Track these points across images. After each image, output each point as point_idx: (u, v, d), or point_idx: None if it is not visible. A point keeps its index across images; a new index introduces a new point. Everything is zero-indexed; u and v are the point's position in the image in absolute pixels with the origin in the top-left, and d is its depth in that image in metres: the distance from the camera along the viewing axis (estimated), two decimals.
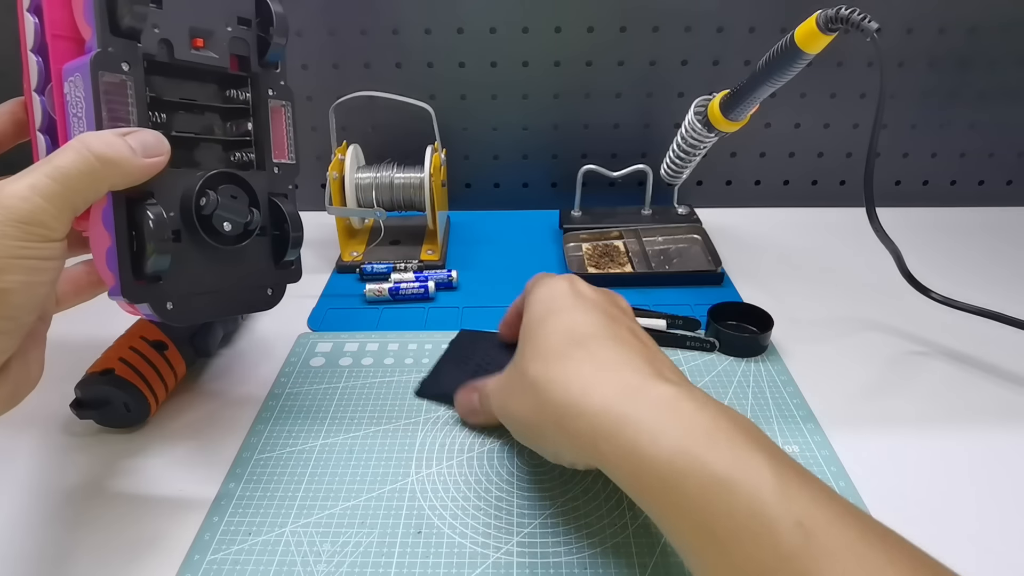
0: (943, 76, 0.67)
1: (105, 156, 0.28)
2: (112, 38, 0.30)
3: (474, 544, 0.33)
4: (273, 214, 0.37)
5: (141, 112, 0.31)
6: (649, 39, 0.65)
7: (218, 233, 0.34)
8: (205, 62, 0.34)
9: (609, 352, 0.32)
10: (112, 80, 0.30)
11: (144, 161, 0.30)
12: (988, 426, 0.41)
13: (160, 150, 0.31)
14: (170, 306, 0.33)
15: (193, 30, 0.34)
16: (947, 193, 0.73)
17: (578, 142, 0.71)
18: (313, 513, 0.35)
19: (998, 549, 0.33)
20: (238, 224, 0.34)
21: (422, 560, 0.33)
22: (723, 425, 0.27)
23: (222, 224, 0.33)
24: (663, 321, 0.50)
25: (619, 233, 0.64)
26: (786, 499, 0.24)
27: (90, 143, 0.28)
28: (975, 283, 0.57)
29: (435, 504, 0.36)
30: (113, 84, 0.30)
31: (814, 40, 0.41)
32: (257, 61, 0.36)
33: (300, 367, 0.47)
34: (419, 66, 0.66)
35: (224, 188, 0.34)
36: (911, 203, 0.73)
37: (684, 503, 0.26)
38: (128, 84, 0.31)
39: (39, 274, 0.27)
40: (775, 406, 0.43)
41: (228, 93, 0.37)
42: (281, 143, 0.38)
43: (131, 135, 0.30)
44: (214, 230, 0.33)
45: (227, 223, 0.34)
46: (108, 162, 0.28)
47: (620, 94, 0.68)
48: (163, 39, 0.33)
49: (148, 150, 0.30)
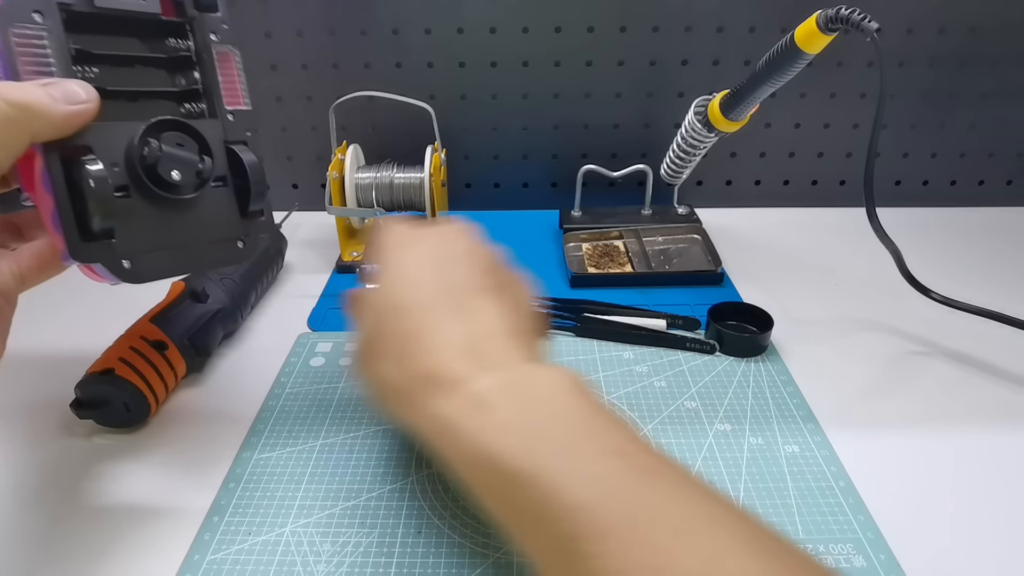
0: (943, 76, 0.67)
1: (21, 102, 0.26)
2: None
3: (474, 544, 0.33)
4: (233, 163, 0.35)
5: (63, 65, 0.30)
6: (649, 39, 0.65)
7: (168, 183, 0.32)
8: (131, 8, 0.32)
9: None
10: (24, 32, 0.29)
11: (66, 108, 0.28)
12: (988, 426, 0.41)
13: (83, 98, 0.29)
14: (127, 264, 0.31)
15: None
16: (947, 193, 0.73)
17: (578, 142, 0.71)
18: (313, 513, 0.35)
19: (998, 549, 0.33)
20: (188, 172, 0.32)
21: (422, 560, 0.33)
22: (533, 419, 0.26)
23: (169, 172, 0.32)
24: (663, 321, 0.50)
25: (619, 233, 0.64)
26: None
27: (3, 91, 0.26)
28: (975, 283, 0.57)
29: (435, 504, 0.36)
30: (26, 36, 0.29)
31: (814, 40, 0.41)
32: (193, 4, 0.34)
33: (300, 367, 0.47)
34: (419, 66, 0.66)
35: (168, 136, 0.32)
36: (911, 203, 0.73)
37: (488, 495, 0.26)
38: (43, 35, 0.29)
39: None
40: (775, 406, 0.43)
41: (168, 42, 0.34)
42: (233, 89, 0.36)
43: (51, 84, 0.28)
44: (162, 180, 0.32)
45: (175, 171, 0.32)
46: (24, 108, 0.26)
47: (620, 94, 0.68)
48: None
49: (70, 97, 0.28)
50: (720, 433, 0.41)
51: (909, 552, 0.33)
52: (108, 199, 0.30)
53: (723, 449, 0.39)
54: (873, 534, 0.34)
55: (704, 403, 0.43)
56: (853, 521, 0.34)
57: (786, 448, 0.39)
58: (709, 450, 0.39)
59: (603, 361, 0.47)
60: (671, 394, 0.44)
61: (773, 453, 0.39)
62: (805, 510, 0.35)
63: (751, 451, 0.39)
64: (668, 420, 0.42)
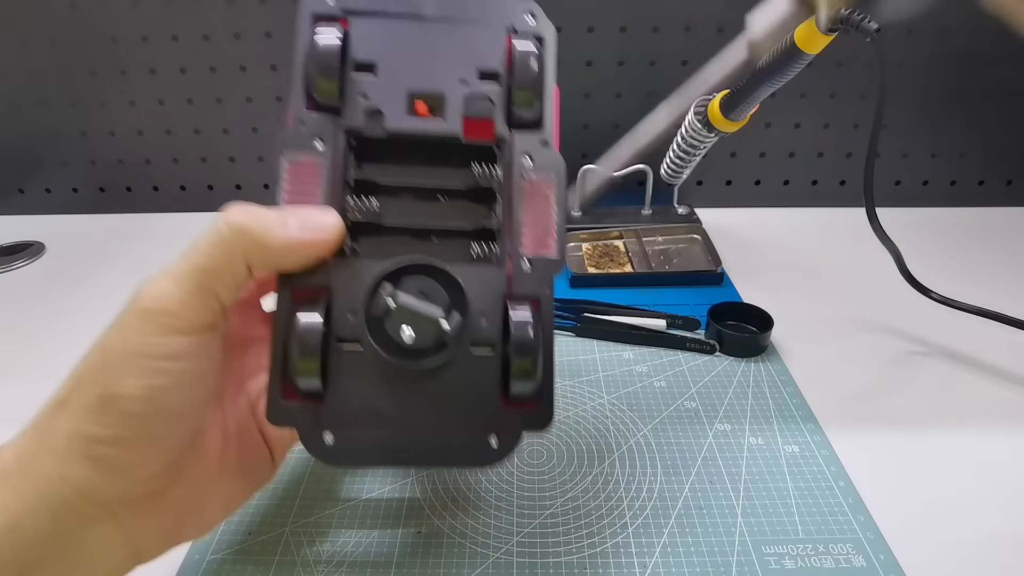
0: (943, 76, 0.67)
1: (237, 223, 0.23)
2: (307, 112, 0.26)
3: (474, 544, 0.33)
4: (508, 324, 0.26)
5: (332, 194, 0.26)
6: (649, 39, 0.65)
7: (396, 345, 0.25)
8: (428, 130, 0.27)
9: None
10: (298, 159, 0.26)
11: (286, 235, 0.24)
12: (988, 426, 0.41)
13: (321, 226, 0.25)
14: (329, 439, 0.25)
15: (414, 93, 0.27)
16: (947, 193, 0.73)
17: (578, 142, 0.71)
18: (313, 513, 0.35)
19: (998, 548, 0.33)
20: (426, 332, 0.25)
21: (422, 560, 0.33)
22: None
23: (398, 330, 0.24)
24: (663, 321, 0.50)
25: (619, 233, 0.64)
26: None
27: (228, 211, 0.24)
28: (975, 283, 0.57)
29: (435, 504, 0.36)
30: (299, 163, 0.26)
31: (814, 40, 0.41)
32: (506, 121, 0.28)
33: None
34: None
35: (410, 282, 0.25)
36: (911, 203, 0.73)
37: None
38: (318, 163, 0.26)
39: (162, 376, 0.23)
40: (775, 406, 0.43)
41: (471, 169, 0.28)
42: (543, 230, 0.27)
43: (291, 210, 0.25)
44: (389, 339, 0.25)
45: (407, 329, 0.24)
46: (239, 230, 0.23)
47: (620, 94, 0.68)
48: (373, 109, 0.27)
49: (308, 224, 0.24)
50: (720, 433, 0.41)
51: (909, 552, 0.33)
52: (311, 352, 0.24)
53: (723, 449, 0.39)
54: (873, 534, 0.34)
55: (704, 403, 0.43)
56: (853, 521, 0.34)
57: (786, 448, 0.39)
58: (709, 450, 0.39)
59: (603, 361, 0.47)
60: (671, 394, 0.44)
61: (773, 453, 0.39)
62: (805, 510, 0.35)
63: (751, 451, 0.39)
64: (668, 420, 0.42)
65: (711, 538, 0.34)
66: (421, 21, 0.28)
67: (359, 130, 0.27)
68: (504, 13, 0.29)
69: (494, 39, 0.28)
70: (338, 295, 0.26)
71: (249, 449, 0.29)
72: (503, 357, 0.26)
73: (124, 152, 0.70)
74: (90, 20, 0.63)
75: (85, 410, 0.23)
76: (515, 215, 0.27)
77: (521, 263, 0.27)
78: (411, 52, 0.28)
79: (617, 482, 0.37)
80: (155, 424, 0.23)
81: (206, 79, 0.66)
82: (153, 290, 0.23)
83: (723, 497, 0.36)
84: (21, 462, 0.23)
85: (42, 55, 0.65)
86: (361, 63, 0.27)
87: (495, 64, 0.28)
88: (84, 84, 0.66)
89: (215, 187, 0.72)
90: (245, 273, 0.24)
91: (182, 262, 0.23)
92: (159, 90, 0.67)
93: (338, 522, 0.35)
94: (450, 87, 0.27)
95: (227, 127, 0.69)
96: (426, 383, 0.26)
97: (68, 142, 0.69)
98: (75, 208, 0.72)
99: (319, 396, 0.25)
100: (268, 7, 0.63)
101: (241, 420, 0.28)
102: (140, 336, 0.23)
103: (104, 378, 0.23)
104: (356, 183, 0.27)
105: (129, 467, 0.23)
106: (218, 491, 0.27)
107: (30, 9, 0.63)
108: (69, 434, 0.23)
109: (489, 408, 0.26)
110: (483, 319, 0.26)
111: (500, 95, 0.28)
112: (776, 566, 0.32)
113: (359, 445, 0.26)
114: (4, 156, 0.70)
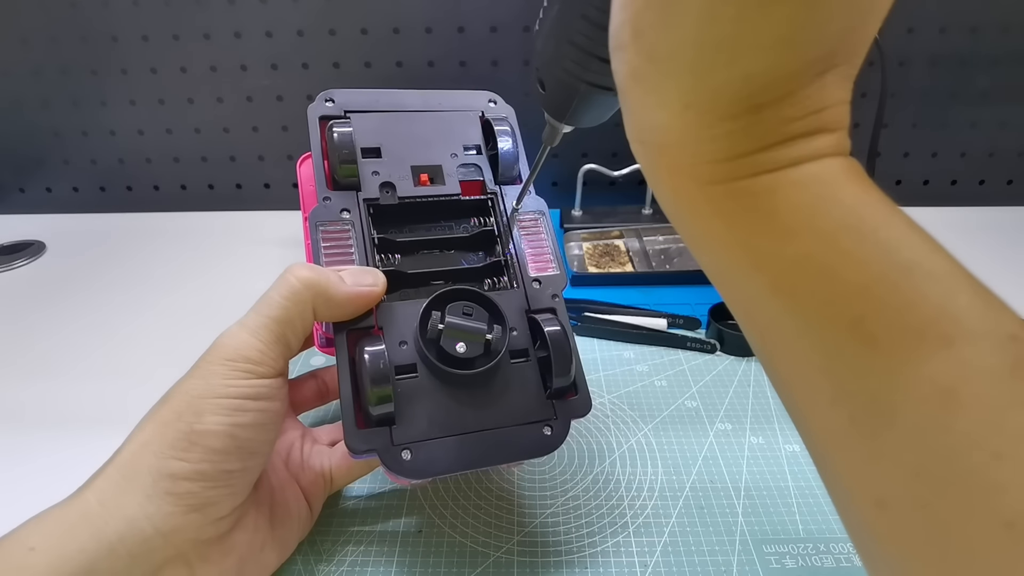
0: (943, 76, 0.67)
1: (308, 279, 0.28)
2: (329, 191, 0.32)
3: (474, 544, 0.33)
4: (536, 333, 0.32)
5: (364, 253, 0.31)
6: None
7: (454, 358, 0.29)
8: (433, 194, 0.34)
9: None
10: (330, 229, 0.31)
11: (346, 289, 0.29)
12: None
13: (370, 281, 0.30)
14: (407, 456, 0.28)
15: (416, 167, 0.34)
16: (947, 193, 0.73)
17: (578, 141, 0.71)
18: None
19: None
20: (475, 343, 0.30)
21: (422, 560, 0.33)
22: None
23: (453, 345, 0.29)
24: (663, 320, 0.50)
25: (620, 232, 0.64)
26: None
27: (295, 268, 0.28)
28: None
29: (435, 504, 0.36)
30: (332, 232, 0.31)
31: None
32: (494, 180, 0.35)
33: (300, 367, 0.47)
34: (419, 65, 0.66)
35: (455, 306, 0.30)
36: (911, 203, 0.73)
37: None
38: (348, 230, 0.32)
39: (242, 415, 0.26)
40: (775, 405, 0.43)
41: (472, 221, 0.35)
42: (542, 253, 0.35)
43: (344, 269, 0.30)
44: (447, 355, 0.29)
45: (460, 344, 0.29)
46: (310, 285, 0.28)
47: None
48: (385, 183, 0.33)
49: (358, 280, 0.29)
50: (721, 432, 0.41)
51: None
52: (381, 377, 0.28)
53: (724, 448, 0.39)
54: None
55: (705, 402, 0.43)
56: None
57: (787, 447, 0.39)
58: (710, 449, 0.39)
59: (604, 360, 0.47)
60: (672, 393, 0.44)
61: (774, 452, 0.39)
62: (806, 509, 0.35)
63: (752, 450, 0.39)
64: (669, 419, 0.42)
65: (712, 537, 0.34)
66: (408, 113, 0.36)
67: (376, 200, 0.33)
68: (473, 102, 0.37)
69: (470, 121, 0.37)
70: (387, 331, 0.30)
71: (292, 498, 0.32)
72: (539, 360, 0.32)
73: (125, 151, 0.70)
74: (91, 19, 0.63)
75: (170, 447, 0.25)
76: (518, 247, 0.34)
77: (532, 283, 0.34)
78: (406, 137, 0.35)
79: (618, 481, 0.37)
80: (233, 460, 0.26)
81: (206, 78, 0.66)
82: (232, 342, 0.27)
83: (724, 496, 0.36)
84: (104, 503, 0.25)
85: (43, 54, 0.65)
86: (367, 148, 0.34)
87: (476, 139, 0.36)
88: (85, 83, 0.66)
89: (215, 186, 0.72)
90: (311, 322, 0.28)
91: (255, 315, 0.27)
92: (159, 89, 0.67)
93: (338, 522, 0.35)
94: (444, 160, 0.35)
95: (227, 126, 0.69)
96: (479, 392, 0.30)
97: (69, 141, 0.69)
98: (76, 207, 0.72)
99: (391, 420, 0.29)
100: (268, 6, 0.63)
101: (279, 472, 0.32)
102: (222, 380, 0.26)
103: (189, 417, 0.25)
104: (380, 242, 0.33)
105: (207, 503, 0.25)
106: (272, 537, 0.30)
107: (31, 8, 0.63)
108: (154, 471, 0.25)
109: (537, 404, 0.31)
110: (514, 331, 0.32)
111: (484, 160, 0.36)
112: (777, 565, 0.32)
113: (433, 455, 0.29)
114: (5, 155, 0.70)
